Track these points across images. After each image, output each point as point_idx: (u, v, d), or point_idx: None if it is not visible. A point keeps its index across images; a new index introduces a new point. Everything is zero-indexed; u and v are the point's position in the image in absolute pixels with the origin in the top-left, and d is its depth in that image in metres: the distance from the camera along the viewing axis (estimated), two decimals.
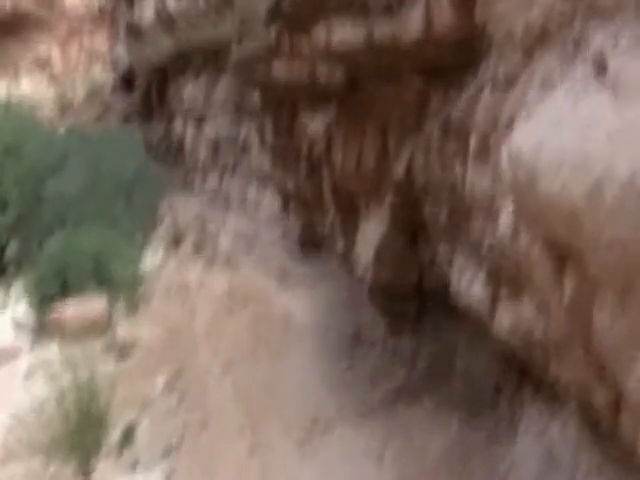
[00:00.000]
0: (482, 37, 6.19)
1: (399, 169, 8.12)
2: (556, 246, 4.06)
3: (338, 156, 9.42)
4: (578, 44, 4.44)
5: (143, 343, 11.15)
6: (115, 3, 25.78)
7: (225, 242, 17.77)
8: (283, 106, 14.12)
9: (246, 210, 18.21)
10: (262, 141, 15.38)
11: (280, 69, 12.92)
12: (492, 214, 5.76)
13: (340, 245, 10.97)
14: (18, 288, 16.31)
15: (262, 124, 15.06)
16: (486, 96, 5.95)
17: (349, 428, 8.09)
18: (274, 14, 8.71)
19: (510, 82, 5.53)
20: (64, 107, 28.41)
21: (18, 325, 14.11)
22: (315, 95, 11.23)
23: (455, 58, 6.83)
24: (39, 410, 8.48)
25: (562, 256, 4.06)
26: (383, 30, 7.22)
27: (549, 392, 5.94)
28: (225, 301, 13.12)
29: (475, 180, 6.04)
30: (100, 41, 35.40)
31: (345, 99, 9.33)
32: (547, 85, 4.70)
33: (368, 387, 8.80)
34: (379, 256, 8.78)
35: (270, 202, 16.52)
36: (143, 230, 18.74)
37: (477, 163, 6.03)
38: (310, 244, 14.10)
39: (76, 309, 12.51)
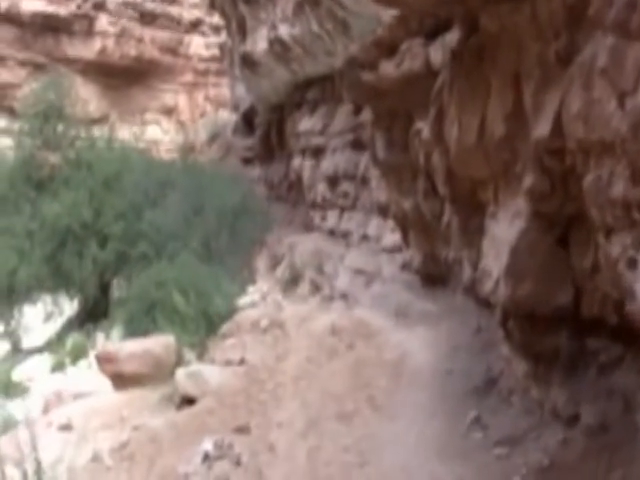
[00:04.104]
0: None
1: (542, 126, 4.98)
2: None
3: (453, 130, 6.32)
4: None
5: (212, 389, 8.24)
6: (232, 42, 23.76)
7: (343, 279, 15.50)
8: (396, 118, 11.52)
9: (366, 245, 15.75)
10: (374, 159, 12.61)
11: (388, 66, 10.38)
12: None
13: (465, 270, 7.86)
14: (117, 329, 14.43)
15: (373, 138, 12.30)
16: None
17: None
18: None
19: None
20: (186, 150, 26.78)
21: None
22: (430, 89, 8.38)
23: None
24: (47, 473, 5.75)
25: None
26: None
27: None
28: (328, 341, 10.21)
29: None
30: (226, 87, 33.82)
31: (460, 51, 6.30)
32: None
33: (501, 457, 5.62)
34: (514, 265, 5.56)
35: (391, 236, 13.99)
36: (247, 265, 16.48)
37: None
38: (433, 277, 11.31)
39: (134, 350, 9.75)
